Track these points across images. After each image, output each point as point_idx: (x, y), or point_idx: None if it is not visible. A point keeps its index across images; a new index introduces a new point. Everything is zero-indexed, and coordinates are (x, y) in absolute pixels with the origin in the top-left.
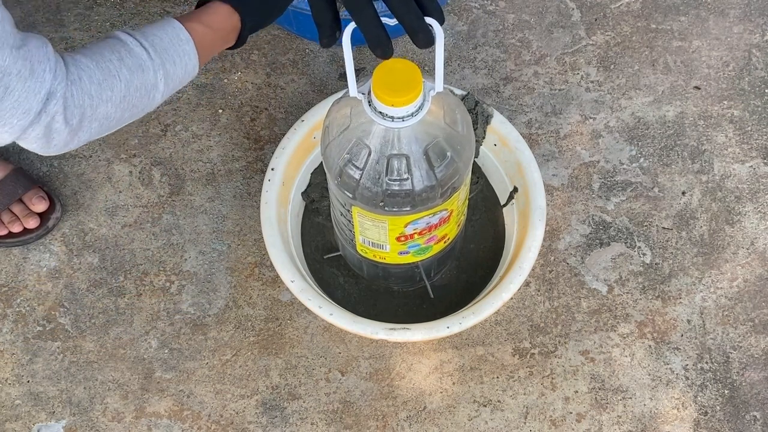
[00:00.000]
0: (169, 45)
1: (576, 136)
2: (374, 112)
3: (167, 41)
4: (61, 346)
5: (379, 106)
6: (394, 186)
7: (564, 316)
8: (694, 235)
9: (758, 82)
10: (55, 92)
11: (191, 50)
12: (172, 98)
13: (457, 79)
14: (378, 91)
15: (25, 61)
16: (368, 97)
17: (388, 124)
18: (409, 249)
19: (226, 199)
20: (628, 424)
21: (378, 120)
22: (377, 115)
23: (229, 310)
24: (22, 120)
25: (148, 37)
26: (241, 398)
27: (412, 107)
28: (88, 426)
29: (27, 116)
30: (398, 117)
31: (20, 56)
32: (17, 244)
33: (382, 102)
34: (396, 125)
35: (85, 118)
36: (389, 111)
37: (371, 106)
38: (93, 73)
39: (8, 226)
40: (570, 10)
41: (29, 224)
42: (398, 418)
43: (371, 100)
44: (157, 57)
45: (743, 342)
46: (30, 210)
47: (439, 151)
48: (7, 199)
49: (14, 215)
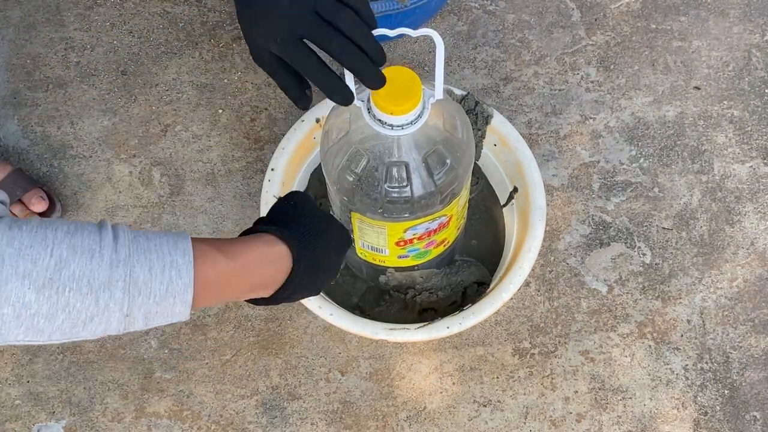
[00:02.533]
0: (153, 248)
1: (576, 136)
2: (373, 120)
3: (154, 244)
4: (61, 346)
5: (378, 114)
6: (394, 193)
7: (564, 316)
8: (694, 235)
9: (758, 82)
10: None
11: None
12: (172, 98)
13: (457, 79)
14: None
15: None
16: (368, 104)
17: (388, 132)
18: (409, 253)
19: (226, 199)
20: (628, 424)
21: (377, 127)
22: (376, 122)
23: (229, 310)
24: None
25: (134, 232)
26: (241, 398)
27: (412, 115)
28: (88, 426)
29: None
30: (397, 125)
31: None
32: None
33: (382, 110)
34: (395, 133)
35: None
36: (388, 119)
37: (370, 114)
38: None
39: None
40: (570, 10)
41: None
42: (398, 418)
43: (370, 107)
44: (124, 251)
45: (743, 342)
46: (30, 210)
47: (438, 158)
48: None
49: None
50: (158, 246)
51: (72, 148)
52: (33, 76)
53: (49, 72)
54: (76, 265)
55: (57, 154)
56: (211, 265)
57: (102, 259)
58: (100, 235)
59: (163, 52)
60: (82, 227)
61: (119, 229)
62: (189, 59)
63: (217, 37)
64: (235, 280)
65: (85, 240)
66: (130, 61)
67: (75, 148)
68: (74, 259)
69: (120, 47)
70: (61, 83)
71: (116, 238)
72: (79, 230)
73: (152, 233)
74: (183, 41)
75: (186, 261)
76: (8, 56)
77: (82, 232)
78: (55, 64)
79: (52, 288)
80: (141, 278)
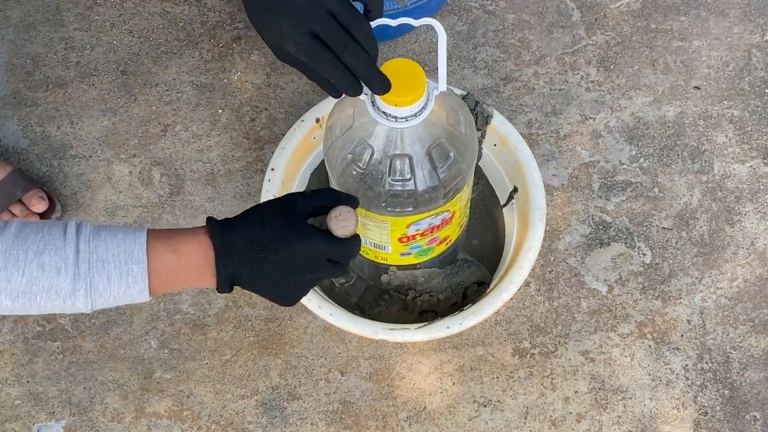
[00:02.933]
0: (111, 259)
1: (576, 136)
2: (377, 112)
3: (112, 254)
4: (61, 346)
5: (382, 105)
6: (397, 186)
7: (564, 316)
8: (694, 235)
9: (758, 82)
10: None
11: (140, 273)
12: (172, 98)
13: (457, 79)
14: None
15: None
16: (371, 97)
17: (392, 124)
18: (411, 250)
19: (226, 199)
20: (628, 424)
21: (381, 120)
22: (380, 115)
23: (229, 310)
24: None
25: (96, 240)
26: (241, 398)
27: (416, 107)
28: (87, 426)
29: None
30: (401, 117)
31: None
32: None
33: (386, 102)
34: (399, 125)
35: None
36: (393, 111)
37: (374, 106)
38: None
39: None
40: (570, 10)
41: None
42: (398, 419)
43: (374, 100)
44: (84, 265)
45: (743, 342)
46: (30, 211)
47: (442, 151)
48: (6, 201)
49: (14, 216)
50: (116, 256)
51: (72, 148)
52: (33, 76)
53: (49, 72)
54: (45, 281)
55: (57, 154)
56: (161, 262)
57: (67, 275)
58: (65, 251)
59: (163, 52)
60: (50, 243)
61: (81, 240)
62: (189, 59)
63: (217, 37)
64: (183, 273)
65: (53, 258)
66: (130, 61)
67: (75, 148)
68: (43, 276)
69: (120, 47)
70: (61, 83)
71: (78, 253)
72: (48, 248)
73: (112, 238)
74: (183, 41)
75: (141, 269)
76: (8, 56)
77: (50, 251)
78: (55, 64)
79: (25, 297)
80: (101, 286)
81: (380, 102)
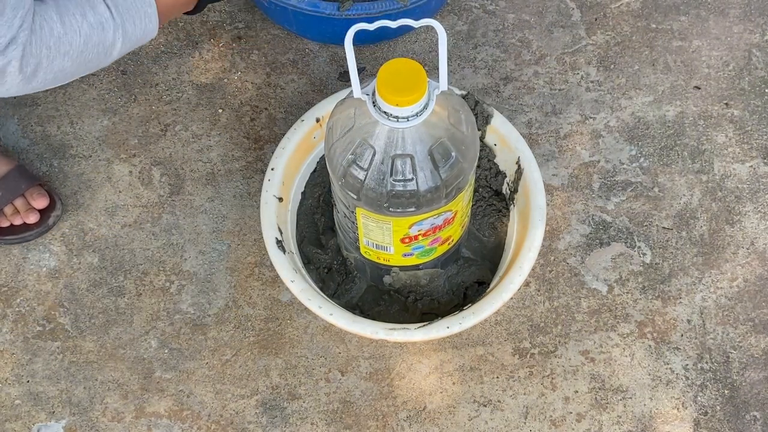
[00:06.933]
0: (132, 5)
1: (576, 135)
2: (378, 113)
3: (131, 1)
4: (61, 346)
5: (383, 105)
6: (399, 186)
7: (564, 316)
8: (694, 235)
9: (758, 82)
10: (17, 39)
11: (153, 13)
12: (172, 98)
13: (457, 79)
14: (383, 91)
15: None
16: (372, 97)
17: (393, 124)
18: (414, 251)
19: (226, 199)
20: (628, 424)
21: (382, 120)
22: (381, 115)
23: (229, 310)
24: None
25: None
26: (241, 398)
27: (417, 107)
28: (88, 426)
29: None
30: (403, 117)
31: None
32: (17, 241)
33: (387, 102)
34: (400, 125)
35: (41, 69)
36: (394, 111)
37: (375, 107)
38: (55, 26)
39: (10, 219)
40: (570, 9)
41: (29, 219)
42: (398, 418)
43: (375, 100)
44: (118, 17)
45: (743, 342)
46: (31, 206)
47: (443, 151)
48: (11, 194)
49: (16, 209)
50: (135, 3)
51: (72, 148)
52: None
53: None
54: (96, 37)
55: (57, 153)
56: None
57: (110, 29)
58: (99, 8)
59: (163, 52)
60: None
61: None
62: (189, 59)
63: (217, 37)
64: (177, 6)
65: (95, 17)
66: (130, 60)
67: (75, 148)
68: (94, 34)
69: None
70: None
71: (109, 8)
72: (86, 9)
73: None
74: (183, 41)
75: (153, 9)
76: None
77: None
78: None
79: (81, 57)
80: (130, 31)
81: (381, 102)
